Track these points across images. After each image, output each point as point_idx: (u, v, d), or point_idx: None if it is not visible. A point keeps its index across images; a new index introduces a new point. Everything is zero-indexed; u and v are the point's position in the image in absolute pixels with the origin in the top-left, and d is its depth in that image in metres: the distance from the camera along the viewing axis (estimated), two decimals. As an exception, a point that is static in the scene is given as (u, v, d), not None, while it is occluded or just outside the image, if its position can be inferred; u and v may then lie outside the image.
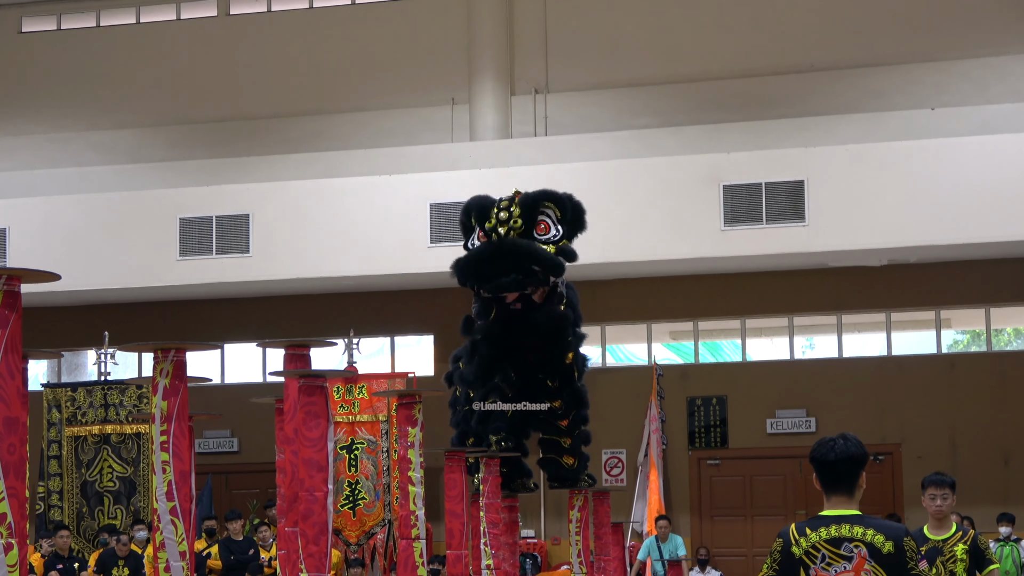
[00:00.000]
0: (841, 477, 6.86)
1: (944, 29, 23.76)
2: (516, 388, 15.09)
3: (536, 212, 14.73)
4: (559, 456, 15.69)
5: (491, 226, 14.60)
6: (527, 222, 14.60)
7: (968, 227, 21.41)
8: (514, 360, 15.05)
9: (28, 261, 21.12)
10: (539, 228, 14.70)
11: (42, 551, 19.75)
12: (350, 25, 25.73)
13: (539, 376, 15.24)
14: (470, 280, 14.37)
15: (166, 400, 8.36)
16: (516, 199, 14.76)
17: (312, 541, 9.07)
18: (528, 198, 14.73)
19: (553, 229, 14.78)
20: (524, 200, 14.72)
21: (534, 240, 14.57)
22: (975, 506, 20.50)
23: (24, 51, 26.87)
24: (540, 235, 14.68)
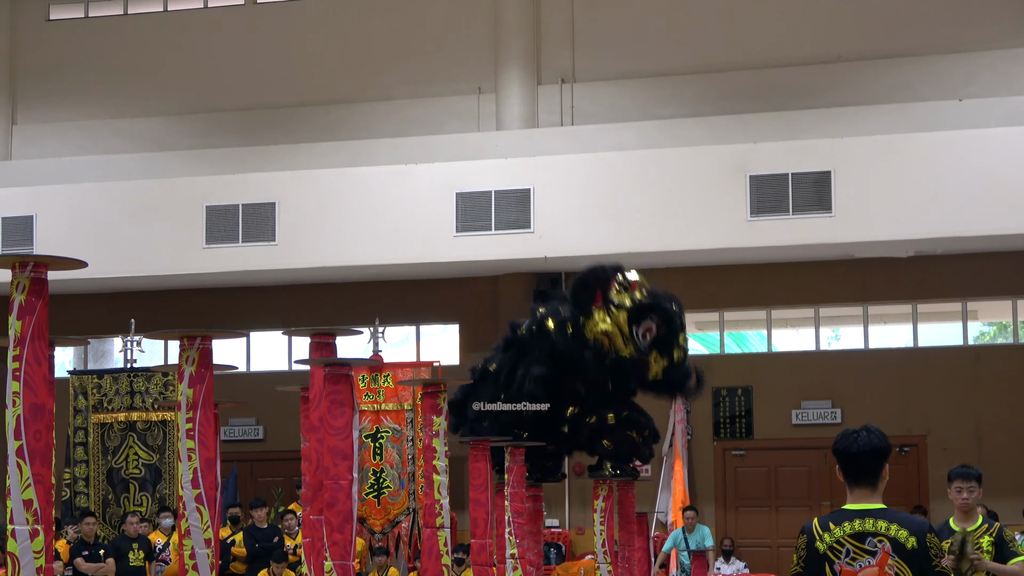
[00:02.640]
0: (864, 469, 6.87)
1: (972, 20, 23.71)
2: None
3: None
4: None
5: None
6: None
7: (995, 219, 21.37)
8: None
9: (55, 249, 21.22)
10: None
11: (68, 537, 19.83)
12: (377, 13, 25.74)
13: None
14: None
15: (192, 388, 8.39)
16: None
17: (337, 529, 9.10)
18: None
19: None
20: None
21: None
22: (1001, 499, 20.48)
23: (51, 38, 26.94)
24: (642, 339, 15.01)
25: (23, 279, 6.70)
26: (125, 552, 19.79)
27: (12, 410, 6.68)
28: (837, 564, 6.74)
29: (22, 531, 6.72)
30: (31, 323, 6.71)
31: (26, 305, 6.70)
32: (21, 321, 6.71)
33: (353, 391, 9.07)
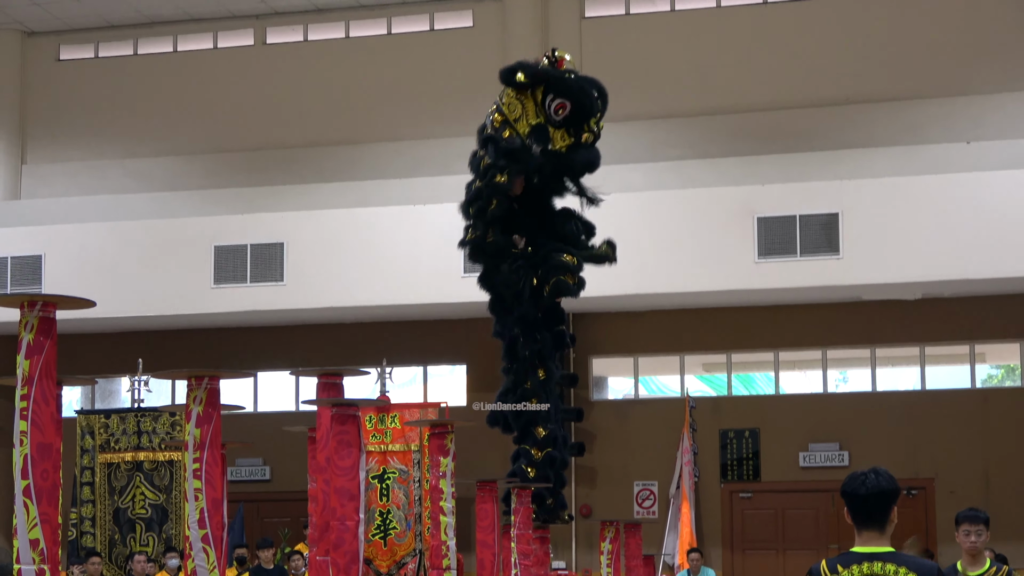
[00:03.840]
0: (872, 512, 6.86)
1: (979, 63, 23.76)
2: None
3: None
4: None
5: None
6: None
7: (1003, 261, 21.39)
8: None
9: (63, 288, 21.25)
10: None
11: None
12: (385, 55, 25.83)
13: None
14: None
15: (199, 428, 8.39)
16: None
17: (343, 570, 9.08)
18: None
19: None
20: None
21: None
22: (1009, 542, 20.43)
23: (62, 78, 27.04)
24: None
25: (31, 318, 6.71)
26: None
27: (20, 449, 6.68)
28: (845, 607, 6.73)
29: (28, 571, 6.72)
30: (39, 362, 6.71)
31: (34, 344, 6.71)
32: (29, 360, 6.72)
33: (360, 432, 9.07)
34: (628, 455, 24.51)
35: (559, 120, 15.83)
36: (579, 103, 16.04)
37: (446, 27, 25.77)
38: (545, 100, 15.92)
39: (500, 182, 15.63)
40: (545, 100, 15.92)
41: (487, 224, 15.89)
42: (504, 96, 16.07)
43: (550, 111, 15.87)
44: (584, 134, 15.96)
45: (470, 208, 16.07)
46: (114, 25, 26.69)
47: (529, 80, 15.95)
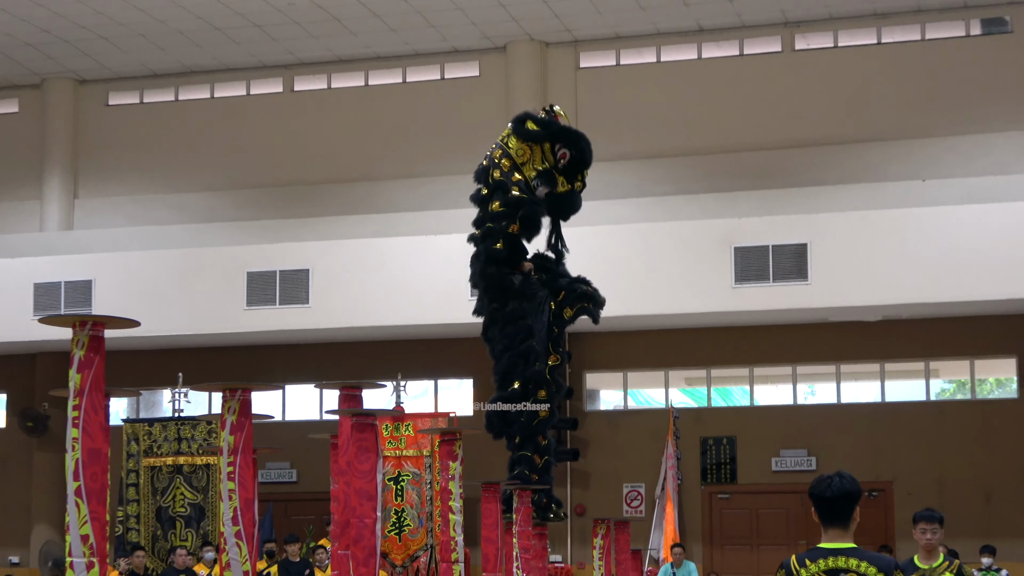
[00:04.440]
0: (837, 511, 6.84)
1: (934, 109, 23.79)
2: None
3: None
4: None
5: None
6: None
7: (955, 287, 21.40)
8: None
9: (111, 309, 21.24)
10: None
11: (120, 569, 19.78)
12: (400, 101, 25.87)
13: None
14: None
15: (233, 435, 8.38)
16: None
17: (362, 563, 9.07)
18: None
19: None
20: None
21: None
22: (960, 539, 20.38)
23: (110, 121, 27.06)
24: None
25: (83, 337, 6.72)
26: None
27: (72, 454, 6.68)
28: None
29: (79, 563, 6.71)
30: (89, 376, 6.71)
31: (85, 360, 6.71)
32: (80, 374, 6.72)
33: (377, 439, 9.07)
34: (618, 460, 24.48)
35: (560, 167, 15.98)
36: (581, 154, 16.19)
37: (455, 76, 25.79)
38: (554, 147, 16.06)
39: (510, 233, 15.76)
40: (554, 147, 16.06)
41: (490, 260, 15.93)
42: (511, 141, 16.10)
43: (556, 157, 16.01)
44: (577, 182, 16.15)
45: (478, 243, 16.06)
46: (157, 74, 26.72)
47: (540, 130, 16.07)
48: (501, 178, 16.15)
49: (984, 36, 23.94)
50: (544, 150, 16.32)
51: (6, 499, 26.80)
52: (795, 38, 24.52)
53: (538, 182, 16.05)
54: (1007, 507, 23.10)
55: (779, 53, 24.58)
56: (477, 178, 16.45)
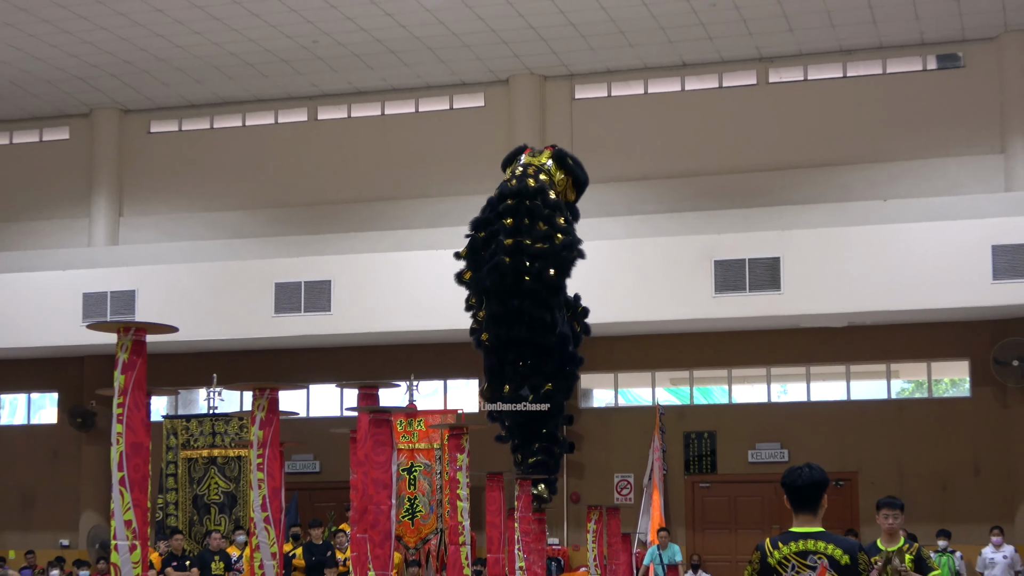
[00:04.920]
0: (807, 499, 6.84)
1: (895, 135, 23.79)
2: None
3: None
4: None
5: None
6: None
7: (914, 296, 21.40)
8: None
9: (152, 317, 21.28)
10: None
11: (160, 551, 19.78)
12: (413, 128, 25.88)
13: None
14: None
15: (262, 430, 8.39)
16: None
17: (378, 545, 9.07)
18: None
19: None
20: None
21: None
22: (918, 524, 20.36)
23: (152, 148, 27.08)
24: None
25: (126, 341, 6.72)
26: (208, 563, 19.73)
27: (116, 447, 6.68)
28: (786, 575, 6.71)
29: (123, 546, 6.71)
30: (132, 377, 6.71)
31: (128, 362, 6.71)
32: (124, 375, 6.72)
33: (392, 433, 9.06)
34: (609, 452, 24.47)
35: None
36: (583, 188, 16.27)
37: (462, 106, 25.80)
38: (577, 190, 16.12)
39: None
40: (577, 190, 16.12)
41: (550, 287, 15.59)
42: (551, 165, 15.95)
43: None
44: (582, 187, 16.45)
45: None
46: (194, 104, 26.74)
47: (579, 170, 16.07)
48: (560, 199, 15.95)
49: (939, 70, 23.94)
50: (569, 185, 16.23)
51: (58, 488, 26.80)
52: (769, 72, 24.53)
53: (569, 212, 16.05)
54: (961, 495, 23.07)
55: (754, 85, 24.59)
56: (507, 163, 16.22)
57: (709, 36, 23.35)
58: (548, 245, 15.43)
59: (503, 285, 15.19)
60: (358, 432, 9.60)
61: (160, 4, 21.93)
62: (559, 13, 22.38)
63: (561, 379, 15.60)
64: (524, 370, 15.52)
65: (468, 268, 15.87)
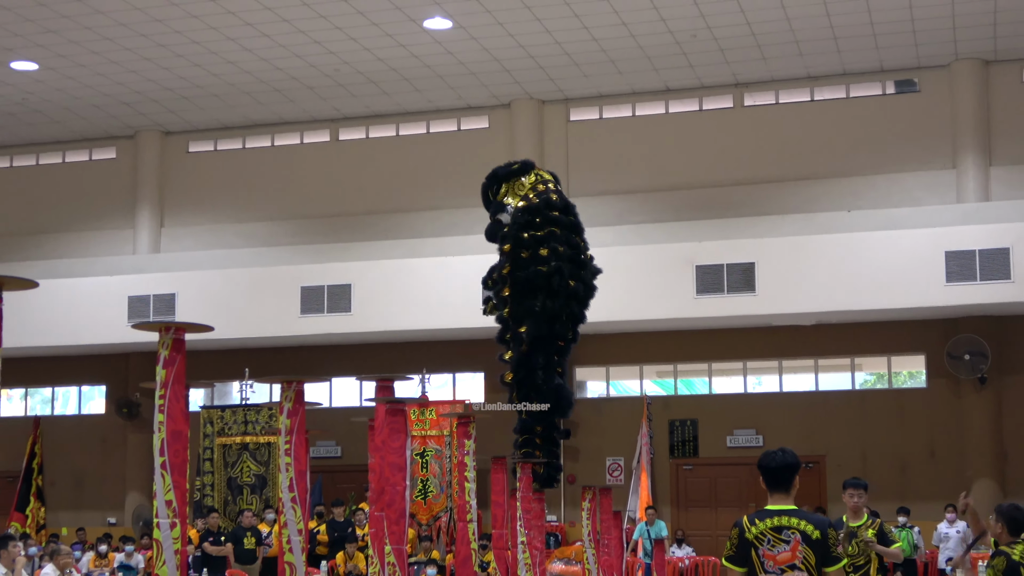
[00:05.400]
0: (780, 480, 6.83)
1: (857, 152, 23.80)
2: None
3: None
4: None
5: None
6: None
7: (875, 298, 21.41)
8: None
9: (190, 317, 21.28)
10: None
11: (198, 528, 19.78)
12: (425, 147, 25.89)
13: None
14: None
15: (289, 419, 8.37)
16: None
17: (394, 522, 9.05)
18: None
19: None
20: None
21: None
22: (880, 502, 20.33)
23: (190, 166, 27.10)
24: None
25: (167, 339, 6.71)
26: (240, 538, 19.73)
27: (158, 434, 6.67)
28: (761, 549, 6.70)
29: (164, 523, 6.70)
30: (172, 371, 6.70)
31: (169, 358, 6.70)
32: (165, 370, 6.71)
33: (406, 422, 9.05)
34: (602, 438, 24.46)
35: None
36: None
37: (469, 127, 25.81)
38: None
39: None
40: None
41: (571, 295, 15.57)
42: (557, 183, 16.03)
43: None
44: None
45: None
46: (228, 127, 26.76)
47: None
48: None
49: (897, 94, 23.94)
50: None
51: (105, 471, 26.81)
52: (744, 96, 24.53)
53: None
54: (918, 476, 23.07)
55: (731, 108, 24.59)
56: (506, 176, 16.15)
57: (690, 64, 23.36)
58: (588, 256, 15.93)
59: (562, 287, 15.29)
60: (375, 421, 9.59)
61: (197, 37, 21.94)
62: (555, 44, 22.39)
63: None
64: (557, 363, 15.66)
65: (509, 264, 15.86)
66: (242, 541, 19.69)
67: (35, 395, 28.03)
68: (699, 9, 20.95)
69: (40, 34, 21.76)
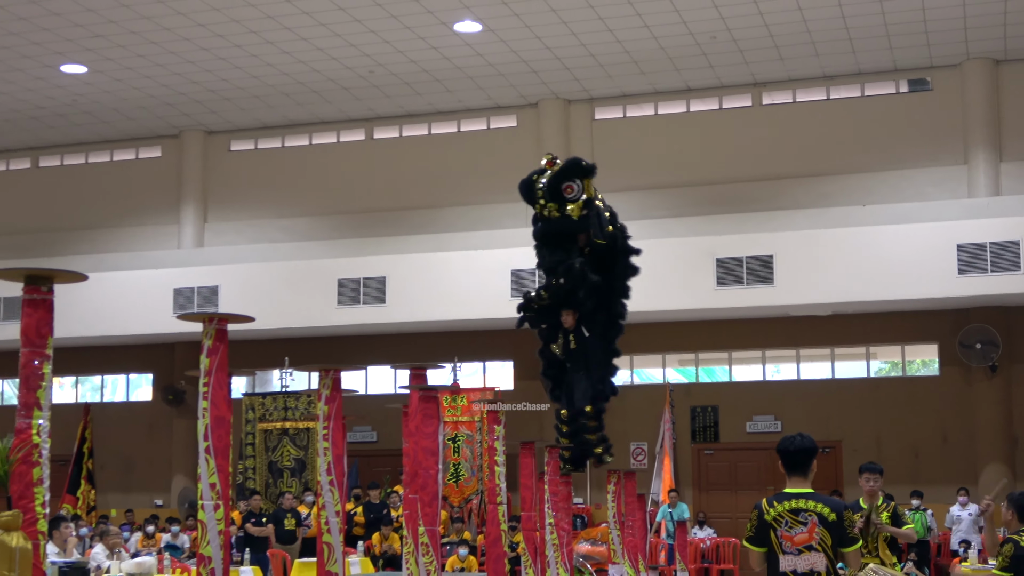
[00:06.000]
0: (798, 463, 6.82)
1: (872, 149, 23.69)
2: None
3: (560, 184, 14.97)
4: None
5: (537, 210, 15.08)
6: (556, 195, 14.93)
7: (889, 289, 21.32)
8: None
9: (232, 308, 21.34)
10: (566, 191, 15.04)
11: (240, 510, 19.86)
12: (456, 145, 25.89)
13: None
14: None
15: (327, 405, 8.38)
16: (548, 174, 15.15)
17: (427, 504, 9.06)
18: (552, 178, 15.03)
19: (576, 189, 15.06)
20: (550, 180, 15.06)
21: (564, 201, 14.76)
22: (894, 486, 20.26)
23: (232, 164, 27.17)
24: (568, 195, 14.98)
25: (211, 330, 6.73)
26: (281, 519, 19.82)
27: (202, 420, 6.69)
28: (779, 530, 6.69)
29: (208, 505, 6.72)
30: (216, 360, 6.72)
31: (212, 347, 6.72)
32: (209, 359, 6.73)
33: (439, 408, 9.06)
34: (626, 424, 24.44)
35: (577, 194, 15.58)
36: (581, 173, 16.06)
37: (498, 126, 25.79)
38: (561, 187, 15.42)
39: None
40: (561, 187, 15.42)
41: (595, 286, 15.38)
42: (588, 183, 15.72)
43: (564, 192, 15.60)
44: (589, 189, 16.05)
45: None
46: (267, 126, 26.82)
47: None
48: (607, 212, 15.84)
49: (910, 93, 23.81)
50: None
51: (152, 455, 26.95)
52: (762, 95, 24.44)
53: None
54: (930, 461, 22.97)
55: (750, 107, 24.50)
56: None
57: (710, 64, 23.28)
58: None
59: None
60: (409, 407, 9.60)
61: (238, 40, 21.99)
62: (581, 45, 22.35)
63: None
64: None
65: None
66: (282, 522, 19.79)
67: (85, 383, 28.20)
68: (719, 11, 20.88)
69: (89, 39, 21.86)
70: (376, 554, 19.61)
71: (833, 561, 6.64)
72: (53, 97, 24.91)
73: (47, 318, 5.83)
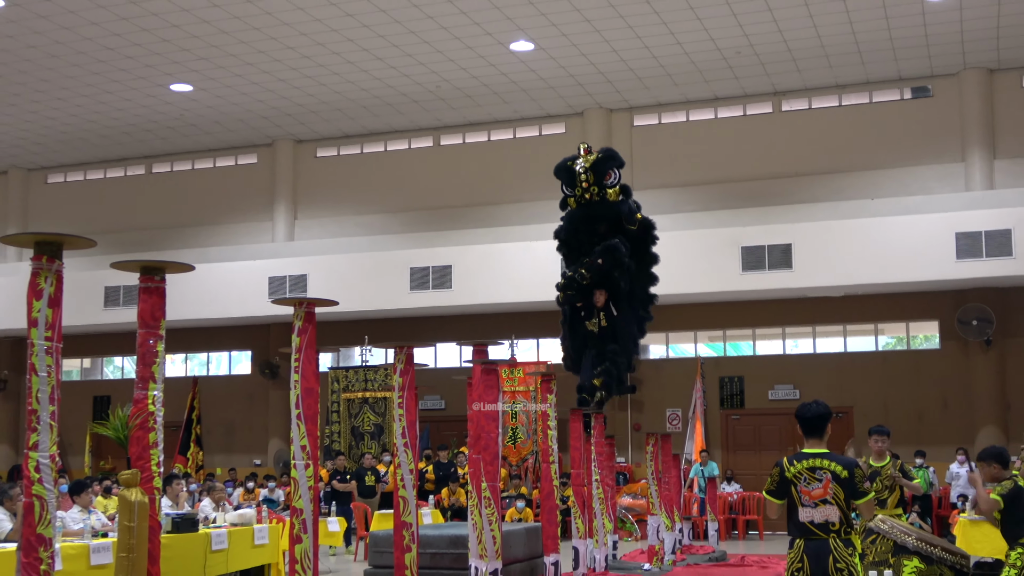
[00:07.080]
0: (815, 427, 6.80)
1: (879, 149, 23.45)
2: None
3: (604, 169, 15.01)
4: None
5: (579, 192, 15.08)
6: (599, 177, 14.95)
7: (895, 273, 21.11)
8: None
9: (319, 294, 21.49)
10: (606, 178, 15.11)
11: (327, 468, 20.01)
12: (512, 150, 25.86)
13: None
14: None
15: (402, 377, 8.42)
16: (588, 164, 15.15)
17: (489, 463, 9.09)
18: (597, 164, 15.06)
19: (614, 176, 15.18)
20: (594, 165, 15.07)
21: (604, 188, 14.77)
22: (900, 446, 20.10)
23: (318, 168, 27.31)
24: (607, 181, 15.04)
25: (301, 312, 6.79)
26: (362, 477, 19.94)
27: (294, 391, 6.75)
28: (799, 486, 6.67)
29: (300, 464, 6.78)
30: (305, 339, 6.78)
31: (302, 328, 6.78)
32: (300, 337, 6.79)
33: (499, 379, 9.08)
34: (663, 392, 24.38)
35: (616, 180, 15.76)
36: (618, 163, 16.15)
37: (548, 133, 25.74)
38: (601, 175, 15.70)
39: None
40: (601, 175, 15.70)
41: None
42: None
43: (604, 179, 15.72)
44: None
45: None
46: (348, 136, 26.92)
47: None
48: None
49: (913, 99, 23.53)
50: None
51: (252, 422, 27.20)
52: (781, 103, 24.23)
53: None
54: (933, 425, 22.74)
55: (771, 113, 24.30)
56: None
57: (735, 76, 23.12)
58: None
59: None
60: (473, 379, 9.64)
61: (322, 60, 22.09)
62: (621, 61, 22.27)
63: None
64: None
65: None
66: (364, 479, 19.91)
67: (193, 359, 28.51)
68: (743, 29, 20.74)
69: (194, 61, 22.05)
70: (445, 506, 19.70)
71: (846, 512, 6.63)
72: (163, 112, 25.17)
73: (160, 303, 5.91)
